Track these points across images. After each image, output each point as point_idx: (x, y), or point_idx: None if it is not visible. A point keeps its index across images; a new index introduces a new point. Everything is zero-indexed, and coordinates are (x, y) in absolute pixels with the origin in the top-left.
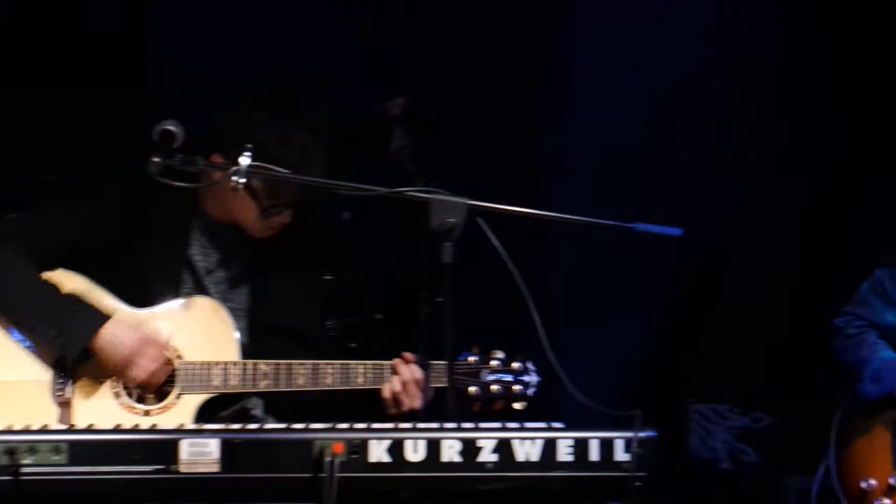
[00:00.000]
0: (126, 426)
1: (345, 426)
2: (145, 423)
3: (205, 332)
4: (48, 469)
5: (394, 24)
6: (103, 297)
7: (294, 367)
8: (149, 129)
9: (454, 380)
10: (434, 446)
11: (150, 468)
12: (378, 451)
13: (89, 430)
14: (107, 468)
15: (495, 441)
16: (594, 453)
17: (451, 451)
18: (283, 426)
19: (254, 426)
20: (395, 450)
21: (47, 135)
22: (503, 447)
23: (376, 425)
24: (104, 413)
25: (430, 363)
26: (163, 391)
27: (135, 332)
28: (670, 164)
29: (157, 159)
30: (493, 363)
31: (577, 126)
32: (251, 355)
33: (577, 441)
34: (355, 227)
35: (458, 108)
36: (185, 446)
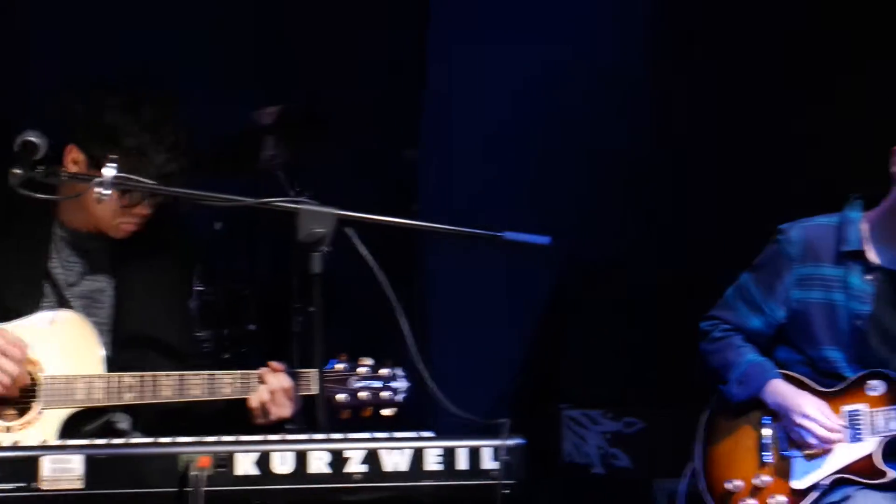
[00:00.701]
0: None
1: (211, 439)
2: (6, 439)
3: (68, 346)
4: None
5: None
6: None
7: (159, 378)
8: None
9: (323, 387)
10: (302, 458)
11: (10, 486)
12: (245, 464)
13: None
14: None
15: (363, 451)
16: (462, 462)
17: (319, 462)
18: (149, 440)
19: (118, 441)
20: (263, 462)
21: None
22: (371, 457)
23: (244, 438)
24: None
25: (298, 371)
26: (24, 406)
27: None
28: (541, 171)
29: (17, 171)
30: (362, 370)
31: (450, 135)
32: (117, 369)
33: (445, 450)
34: (228, 237)
35: (333, 118)
36: (46, 463)
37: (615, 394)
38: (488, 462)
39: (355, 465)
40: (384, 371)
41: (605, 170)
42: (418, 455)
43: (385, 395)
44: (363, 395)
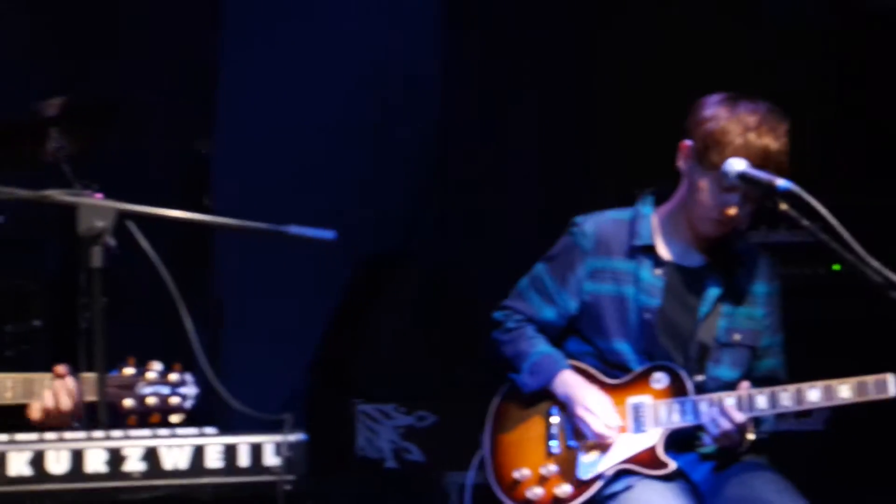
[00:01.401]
0: None
1: None
2: None
3: None
4: None
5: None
6: None
7: None
8: None
9: (107, 392)
10: (78, 457)
11: None
12: (18, 464)
13: None
14: None
15: (142, 449)
16: (244, 458)
17: (96, 461)
18: None
19: None
20: (37, 461)
21: None
22: (150, 455)
23: (18, 436)
24: None
25: (84, 375)
26: None
27: None
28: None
29: None
30: (150, 375)
31: (244, 130)
32: None
33: (226, 447)
34: (12, 230)
35: (122, 111)
36: None
37: (409, 389)
38: (270, 458)
39: (133, 464)
40: (173, 376)
41: (396, 167)
42: (199, 452)
43: (174, 400)
44: (151, 400)
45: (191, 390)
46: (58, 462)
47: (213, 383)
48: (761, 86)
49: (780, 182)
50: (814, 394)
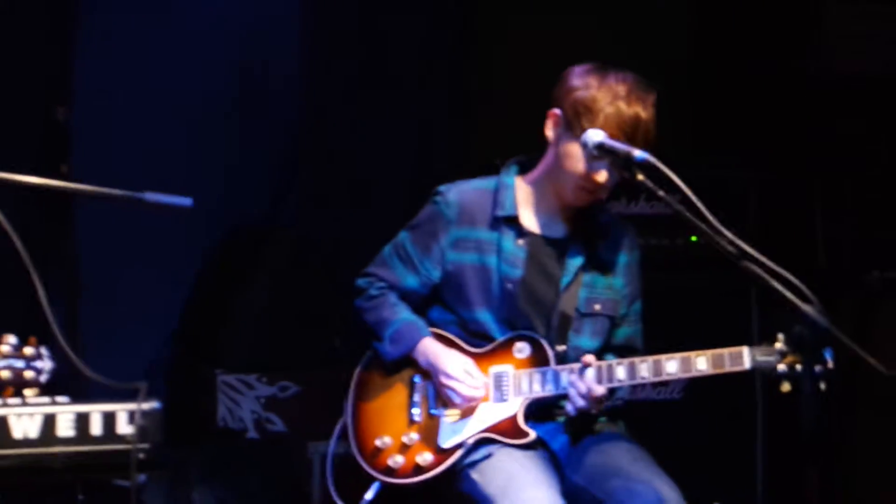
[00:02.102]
0: None
1: None
2: None
3: None
4: None
5: None
6: None
7: None
8: None
9: None
10: None
11: None
12: None
13: None
14: None
15: None
16: (97, 427)
17: None
18: None
19: None
20: None
21: None
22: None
23: None
24: None
25: None
26: None
27: None
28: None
29: None
30: (4, 348)
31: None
32: None
33: (78, 415)
34: None
35: None
36: None
37: (271, 359)
38: (124, 427)
39: None
40: (28, 350)
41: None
42: (50, 420)
43: (28, 374)
44: (5, 374)
45: (46, 364)
46: None
47: (66, 352)
48: (620, 57)
49: (637, 153)
50: (672, 365)
